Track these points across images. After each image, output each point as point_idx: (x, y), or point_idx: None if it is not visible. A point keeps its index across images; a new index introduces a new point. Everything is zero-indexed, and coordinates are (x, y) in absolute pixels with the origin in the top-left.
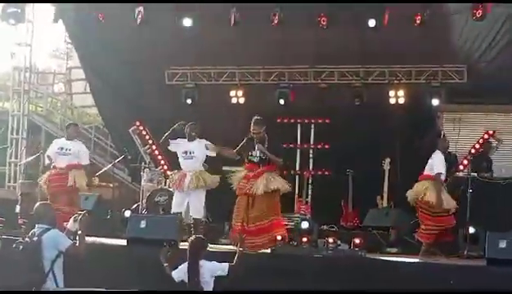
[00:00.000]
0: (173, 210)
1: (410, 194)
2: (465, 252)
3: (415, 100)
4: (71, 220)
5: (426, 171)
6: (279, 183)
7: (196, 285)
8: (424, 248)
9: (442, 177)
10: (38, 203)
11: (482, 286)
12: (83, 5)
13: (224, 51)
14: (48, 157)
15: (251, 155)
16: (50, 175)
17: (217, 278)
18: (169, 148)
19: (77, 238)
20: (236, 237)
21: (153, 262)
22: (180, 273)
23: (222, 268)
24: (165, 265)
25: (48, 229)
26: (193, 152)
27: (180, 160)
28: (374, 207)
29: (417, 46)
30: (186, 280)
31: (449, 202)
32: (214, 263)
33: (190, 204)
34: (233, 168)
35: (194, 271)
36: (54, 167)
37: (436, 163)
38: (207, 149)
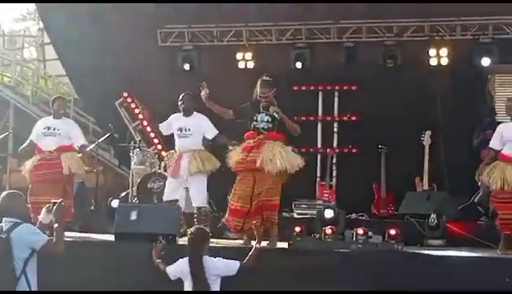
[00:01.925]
0: (166, 198)
1: None
2: None
3: (460, 59)
4: (43, 210)
5: None
6: (291, 158)
7: (203, 283)
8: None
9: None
10: (4, 193)
11: None
12: None
13: (229, 5)
14: (30, 141)
15: (256, 121)
16: (35, 162)
17: (224, 278)
18: (163, 133)
19: (53, 233)
20: (238, 226)
21: (147, 261)
22: (177, 270)
23: (231, 268)
24: (158, 261)
25: (18, 224)
26: (189, 129)
27: (175, 139)
28: (412, 190)
29: None
30: (185, 278)
31: None
32: (220, 260)
33: (190, 192)
34: None
35: (198, 267)
36: (39, 151)
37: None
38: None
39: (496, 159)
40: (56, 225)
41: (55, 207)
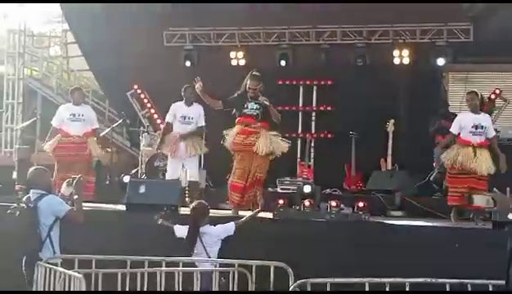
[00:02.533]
0: (169, 177)
1: None
2: (471, 215)
3: (419, 59)
4: (64, 184)
5: None
6: (279, 145)
7: (191, 250)
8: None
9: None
10: (31, 168)
11: (488, 249)
12: None
13: (224, 12)
14: (53, 129)
15: (246, 108)
16: (61, 143)
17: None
18: (170, 121)
19: (74, 203)
20: (236, 200)
21: (153, 228)
22: (183, 232)
23: (229, 229)
24: (160, 220)
25: (44, 195)
26: (192, 117)
27: (176, 124)
28: (378, 169)
29: (421, 4)
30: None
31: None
32: (219, 226)
33: (187, 170)
34: None
35: (192, 237)
36: (65, 134)
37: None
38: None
39: (455, 142)
40: (76, 197)
41: (74, 182)
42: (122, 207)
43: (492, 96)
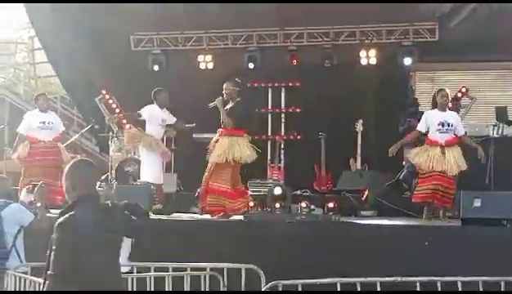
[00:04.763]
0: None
1: None
2: (441, 213)
3: (386, 60)
4: (23, 190)
5: None
6: None
7: None
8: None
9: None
10: None
11: (457, 246)
12: None
13: (191, 15)
14: (21, 135)
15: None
16: (33, 149)
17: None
18: (141, 118)
19: (37, 211)
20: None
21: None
22: None
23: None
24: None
25: (7, 203)
26: (165, 120)
27: (153, 126)
28: (347, 169)
29: (388, 4)
30: None
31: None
32: None
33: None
34: (204, 135)
35: None
36: (33, 141)
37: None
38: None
39: (423, 142)
40: (39, 204)
41: (36, 189)
42: None
43: (459, 95)
